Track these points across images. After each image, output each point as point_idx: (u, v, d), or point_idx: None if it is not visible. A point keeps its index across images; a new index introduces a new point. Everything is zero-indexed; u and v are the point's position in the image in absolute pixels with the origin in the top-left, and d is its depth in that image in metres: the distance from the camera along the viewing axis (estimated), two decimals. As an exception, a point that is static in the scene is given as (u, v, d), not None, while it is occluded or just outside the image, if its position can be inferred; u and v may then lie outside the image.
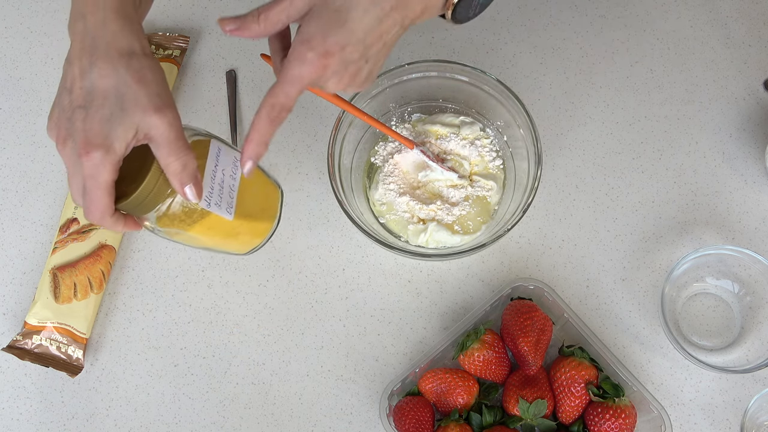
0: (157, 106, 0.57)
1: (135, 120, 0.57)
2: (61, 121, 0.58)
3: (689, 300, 0.81)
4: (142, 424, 0.80)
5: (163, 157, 0.58)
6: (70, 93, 0.57)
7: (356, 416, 0.79)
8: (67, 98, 0.57)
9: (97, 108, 0.56)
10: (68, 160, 0.58)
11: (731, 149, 0.85)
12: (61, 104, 0.58)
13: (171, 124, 0.57)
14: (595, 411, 0.73)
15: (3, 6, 0.92)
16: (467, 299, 0.82)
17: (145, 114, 0.57)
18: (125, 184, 0.59)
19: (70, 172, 0.58)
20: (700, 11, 0.89)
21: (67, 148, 0.57)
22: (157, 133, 0.57)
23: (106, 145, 0.56)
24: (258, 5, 0.94)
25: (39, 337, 0.79)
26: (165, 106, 0.57)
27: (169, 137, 0.57)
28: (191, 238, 0.66)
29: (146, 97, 0.57)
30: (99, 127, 0.56)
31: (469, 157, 0.80)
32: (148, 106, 0.57)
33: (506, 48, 0.89)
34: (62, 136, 0.57)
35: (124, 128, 0.56)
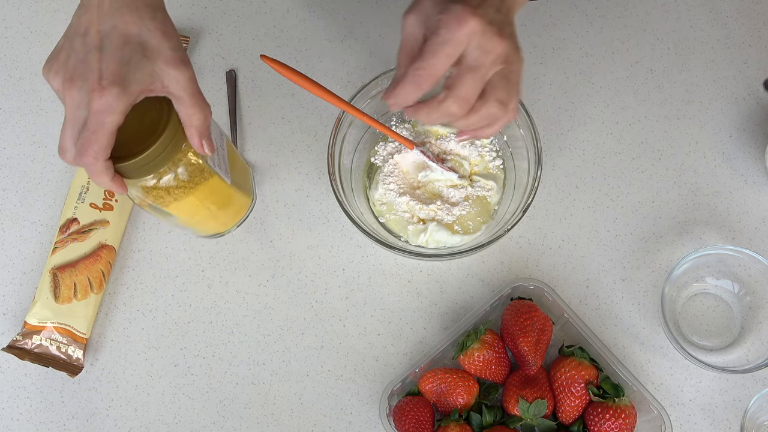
0: (180, 59, 0.57)
1: (156, 69, 0.56)
2: (71, 62, 0.56)
3: (689, 300, 0.81)
4: (142, 424, 0.80)
5: (184, 110, 0.58)
6: (85, 36, 0.56)
7: (356, 416, 0.79)
8: (80, 41, 0.56)
9: (116, 50, 0.55)
10: (73, 99, 0.56)
11: (731, 149, 0.85)
12: (72, 47, 0.56)
13: (192, 78, 0.58)
14: (595, 411, 0.73)
15: (3, 6, 0.92)
16: (467, 299, 0.82)
17: (167, 65, 0.57)
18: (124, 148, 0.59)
19: (71, 114, 0.56)
20: (700, 11, 0.89)
21: (75, 86, 0.55)
22: (178, 86, 0.57)
23: (124, 84, 0.55)
24: (258, 5, 0.94)
25: (39, 337, 0.79)
26: (187, 61, 0.58)
27: (191, 90, 0.58)
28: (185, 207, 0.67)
29: (170, 50, 0.57)
30: (117, 67, 0.55)
31: (469, 157, 0.80)
32: (171, 58, 0.57)
33: (506, 48, 0.89)
34: (70, 74, 0.56)
35: (143, 73, 0.56)
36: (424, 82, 0.57)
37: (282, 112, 0.88)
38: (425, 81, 0.57)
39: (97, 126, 0.55)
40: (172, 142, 0.61)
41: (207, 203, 0.70)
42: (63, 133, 0.57)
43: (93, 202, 0.82)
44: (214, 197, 0.70)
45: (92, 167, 0.57)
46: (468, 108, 0.59)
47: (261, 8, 0.91)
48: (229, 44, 0.90)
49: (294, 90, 0.88)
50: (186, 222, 0.73)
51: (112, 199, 0.83)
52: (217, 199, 0.71)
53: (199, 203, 0.69)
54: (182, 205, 0.67)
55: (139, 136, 0.60)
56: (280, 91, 0.88)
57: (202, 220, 0.73)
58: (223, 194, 0.71)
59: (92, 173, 0.58)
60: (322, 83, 0.72)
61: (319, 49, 0.89)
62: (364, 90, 0.77)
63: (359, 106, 0.77)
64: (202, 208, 0.70)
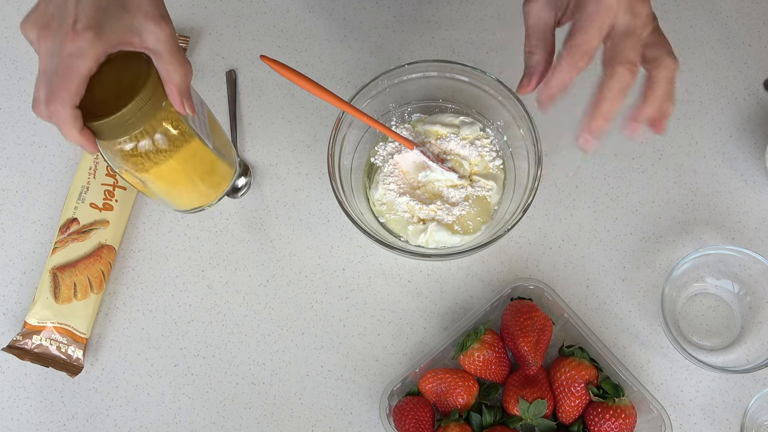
0: (161, 15, 0.56)
1: (135, 23, 0.55)
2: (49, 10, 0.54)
3: (689, 300, 0.81)
4: (142, 424, 0.80)
5: (164, 66, 0.57)
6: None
7: (356, 416, 0.80)
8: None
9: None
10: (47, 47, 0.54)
11: (731, 149, 0.85)
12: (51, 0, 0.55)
13: (171, 35, 0.56)
14: (595, 411, 0.73)
15: (3, 6, 0.92)
16: (467, 299, 0.82)
17: (146, 19, 0.55)
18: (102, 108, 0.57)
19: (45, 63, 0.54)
20: (700, 11, 0.89)
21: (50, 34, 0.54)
22: (157, 41, 0.56)
23: (98, 30, 0.53)
24: (257, 5, 0.94)
25: (39, 337, 0.79)
26: (167, 18, 0.56)
27: (171, 47, 0.56)
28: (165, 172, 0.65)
29: (150, 5, 0.56)
30: (94, 14, 0.53)
31: (469, 157, 0.80)
32: (150, 12, 0.55)
33: (506, 48, 0.89)
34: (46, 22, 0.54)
35: (120, 24, 0.54)
36: (581, 59, 0.56)
37: (282, 112, 0.88)
38: (582, 58, 0.56)
39: (67, 70, 0.53)
40: (150, 101, 0.59)
41: (188, 169, 0.67)
42: (37, 84, 0.55)
43: (93, 202, 0.82)
44: (195, 162, 0.67)
45: (60, 115, 0.55)
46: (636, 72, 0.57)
47: (261, 8, 0.91)
48: (229, 44, 0.90)
49: (294, 90, 0.88)
50: (167, 192, 0.70)
51: (112, 199, 0.83)
52: (199, 165, 0.68)
53: (180, 168, 0.66)
54: (163, 170, 0.64)
55: (116, 97, 0.58)
56: (280, 91, 0.88)
57: (184, 189, 0.70)
58: (205, 160, 0.68)
59: (60, 123, 0.56)
60: (322, 83, 0.72)
61: (319, 49, 0.89)
62: (364, 90, 0.77)
63: (359, 106, 0.77)
64: (183, 175, 0.67)
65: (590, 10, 0.55)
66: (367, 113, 0.76)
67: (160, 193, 0.70)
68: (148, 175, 0.65)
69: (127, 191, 0.84)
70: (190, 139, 0.64)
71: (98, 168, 0.83)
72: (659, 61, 0.58)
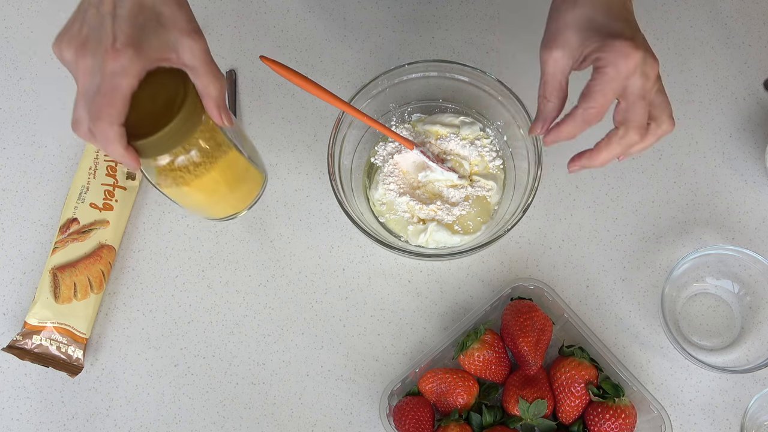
0: (195, 29, 0.57)
1: (171, 39, 0.56)
2: (84, 31, 0.55)
3: (689, 300, 0.81)
4: (142, 424, 0.80)
5: (201, 80, 0.57)
6: (98, 6, 0.55)
7: (356, 416, 0.80)
8: (93, 11, 0.55)
9: (131, 17, 0.54)
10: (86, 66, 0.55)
11: (731, 149, 0.85)
12: (85, 19, 0.55)
13: (206, 48, 0.57)
14: (595, 411, 0.73)
15: (3, 6, 0.92)
16: (467, 299, 0.82)
17: (182, 35, 0.56)
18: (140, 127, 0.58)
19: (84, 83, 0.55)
20: (700, 11, 0.89)
21: (88, 52, 0.54)
22: (194, 56, 0.56)
23: (138, 48, 0.54)
24: (257, 5, 0.94)
25: (39, 337, 0.79)
26: (200, 32, 0.57)
27: (207, 61, 0.57)
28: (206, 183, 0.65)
29: (185, 21, 0.56)
30: (131, 31, 0.54)
31: (469, 157, 0.80)
32: (185, 28, 0.56)
33: (506, 48, 0.89)
34: (83, 42, 0.55)
35: (158, 41, 0.55)
36: (594, 119, 0.61)
37: (282, 112, 0.88)
38: (595, 118, 0.61)
39: (111, 89, 0.54)
40: (191, 117, 0.59)
41: (227, 178, 0.68)
42: (76, 105, 0.56)
43: (93, 202, 0.82)
44: (232, 171, 0.68)
45: (106, 133, 0.55)
46: (644, 134, 0.62)
47: (261, 8, 0.91)
48: (229, 44, 0.90)
49: (294, 90, 0.88)
50: (203, 202, 0.70)
51: (112, 199, 0.83)
52: (236, 173, 0.69)
53: (219, 178, 0.66)
54: (203, 182, 0.65)
55: (154, 115, 0.58)
56: (280, 91, 0.88)
57: (221, 198, 0.71)
58: (241, 168, 0.69)
59: (106, 141, 0.56)
60: (322, 83, 0.72)
61: (319, 49, 0.89)
62: (364, 90, 0.77)
63: (359, 106, 0.77)
64: (222, 184, 0.68)
65: (609, 74, 0.58)
66: (367, 113, 0.76)
67: (198, 204, 0.71)
68: (189, 188, 0.65)
69: (127, 191, 0.84)
70: (228, 149, 0.65)
71: (98, 168, 0.83)
72: (660, 120, 0.63)
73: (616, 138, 0.62)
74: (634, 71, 0.58)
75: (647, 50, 0.59)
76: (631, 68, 0.58)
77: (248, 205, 0.75)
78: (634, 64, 0.58)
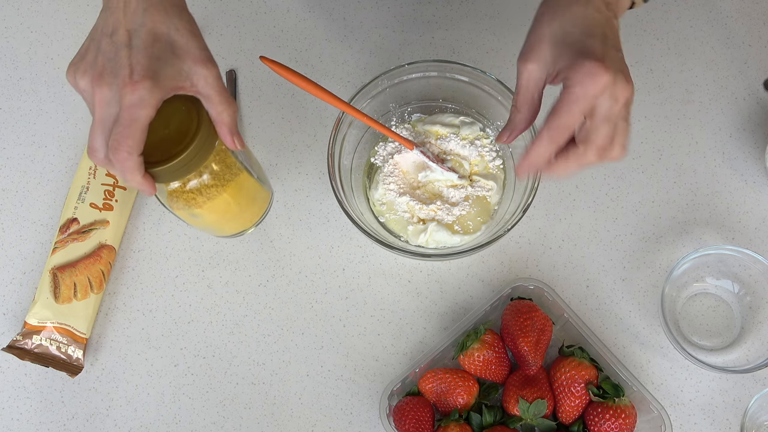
0: (208, 58, 0.58)
1: (185, 68, 0.57)
2: (99, 60, 0.56)
3: (689, 300, 0.81)
4: (142, 424, 0.80)
5: (214, 108, 0.59)
6: (112, 36, 0.56)
7: (356, 416, 0.80)
8: (107, 41, 0.56)
9: (146, 47, 0.55)
10: (103, 97, 0.55)
11: (731, 149, 0.85)
12: (99, 48, 0.56)
13: (218, 76, 0.59)
14: (595, 411, 0.73)
15: (3, 6, 0.92)
16: (467, 299, 0.82)
17: (195, 64, 0.57)
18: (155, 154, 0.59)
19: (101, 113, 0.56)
20: (700, 11, 0.89)
21: (105, 83, 0.55)
22: (207, 84, 0.58)
23: (155, 79, 0.55)
24: (257, 5, 0.94)
25: (39, 337, 0.79)
26: (213, 60, 0.59)
27: (219, 89, 0.59)
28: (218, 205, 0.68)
29: (197, 49, 0.57)
30: (148, 62, 0.55)
31: (469, 157, 0.80)
32: (199, 57, 0.57)
33: (506, 48, 0.89)
34: (99, 72, 0.55)
35: (173, 70, 0.56)
36: (560, 137, 0.59)
37: (282, 112, 0.88)
38: (561, 137, 0.59)
39: (129, 120, 0.55)
40: (205, 144, 0.61)
41: (238, 199, 0.70)
42: (93, 133, 0.57)
43: (93, 202, 0.82)
44: (243, 192, 0.70)
45: (125, 163, 0.56)
46: (603, 158, 0.60)
47: (261, 8, 0.91)
48: (229, 44, 0.90)
49: (294, 90, 0.88)
50: (214, 222, 0.73)
51: (112, 199, 0.83)
52: (247, 193, 0.71)
53: (231, 200, 0.69)
54: (215, 204, 0.67)
55: (169, 141, 0.60)
56: (280, 91, 0.88)
57: (232, 217, 0.73)
58: (250, 188, 0.72)
59: (125, 170, 0.57)
60: (322, 83, 0.72)
61: (319, 49, 0.89)
62: (364, 90, 0.77)
63: (359, 107, 0.77)
64: (234, 205, 0.70)
65: (577, 93, 0.57)
66: (367, 113, 0.76)
67: (209, 224, 0.73)
68: (202, 210, 0.68)
69: (127, 191, 0.84)
70: (238, 171, 0.68)
71: (98, 168, 0.83)
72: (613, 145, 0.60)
73: (575, 155, 0.60)
74: (602, 92, 0.57)
75: (619, 72, 0.57)
76: (599, 89, 0.57)
77: (256, 222, 0.78)
78: (602, 86, 0.56)
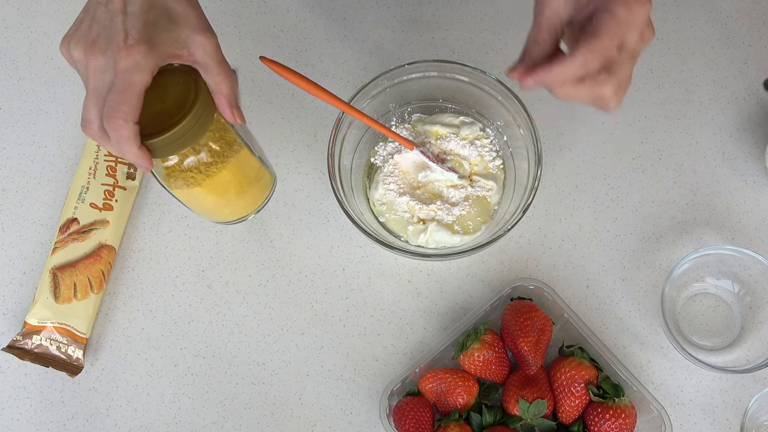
0: (206, 26, 0.56)
1: (182, 35, 0.55)
2: (93, 29, 0.54)
3: (689, 300, 0.81)
4: (142, 424, 0.80)
5: (212, 78, 0.57)
6: (107, 4, 0.54)
7: (356, 416, 0.80)
8: (102, 9, 0.54)
9: (142, 13, 0.54)
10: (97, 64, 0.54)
11: (731, 149, 0.85)
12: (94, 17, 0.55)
13: (217, 45, 0.57)
14: (595, 411, 0.73)
15: (3, 6, 0.92)
16: (467, 299, 0.82)
17: (193, 31, 0.55)
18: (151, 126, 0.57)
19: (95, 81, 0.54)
20: (700, 11, 0.89)
21: (98, 50, 0.53)
22: (205, 53, 0.56)
23: (151, 43, 0.53)
24: (257, 5, 0.94)
25: (39, 337, 0.79)
26: (211, 29, 0.57)
27: (218, 58, 0.57)
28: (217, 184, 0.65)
29: (196, 18, 0.56)
30: (143, 27, 0.53)
31: (469, 157, 0.80)
32: (197, 25, 0.56)
33: (506, 48, 0.89)
34: (93, 39, 0.54)
35: (170, 36, 0.54)
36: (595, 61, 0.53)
37: (282, 112, 0.88)
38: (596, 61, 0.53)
39: (125, 86, 0.53)
40: (203, 115, 0.58)
41: (238, 178, 0.67)
42: (86, 103, 0.55)
43: (93, 202, 0.82)
44: (244, 172, 0.67)
45: (120, 131, 0.54)
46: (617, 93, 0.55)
47: (261, 8, 0.91)
48: (229, 44, 0.90)
49: (294, 90, 0.88)
50: (214, 204, 0.70)
51: (112, 199, 0.83)
52: (247, 173, 0.68)
53: (231, 178, 0.66)
54: (214, 182, 0.64)
55: (165, 114, 0.57)
56: (280, 91, 0.88)
57: (232, 199, 0.70)
58: (252, 168, 0.68)
59: (120, 140, 0.55)
60: (322, 83, 0.72)
61: (319, 49, 0.89)
62: (364, 90, 0.77)
63: (359, 107, 0.77)
64: (233, 185, 0.67)
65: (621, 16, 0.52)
66: (367, 113, 0.76)
67: (208, 206, 0.70)
68: (201, 188, 0.65)
69: (127, 191, 0.84)
70: (239, 148, 0.65)
71: (98, 168, 0.83)
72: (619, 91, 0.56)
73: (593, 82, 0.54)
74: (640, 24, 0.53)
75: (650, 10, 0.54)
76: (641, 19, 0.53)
77: (257, 208, 0.75)
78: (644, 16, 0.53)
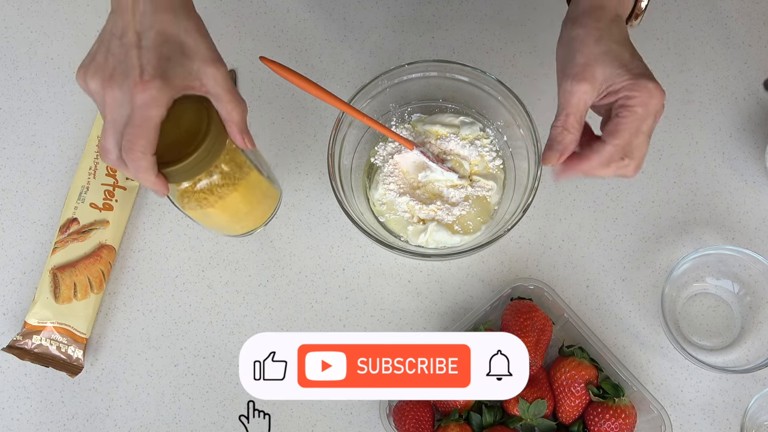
0: (217, 58, 0.59)
1: (194, 67, 0.57)
2: (109, 62, 0.56)
3: (689, 300, 0.81)
4: (142, 424, 0.80)
5: (224, 107, 0.59)
6: (122, 37, 0.56)
7: (356, 416, 0.79)
8: (116, 42, 0.56)
9: (156, 47, 0.56)
10: (114, 98, 0.55)
11: (731, 149, 0.85)
12: (109, 49, 0.56)
13: (227, 76, 0.59)
14: (595, 411, 0.73)
15: (3, 6, 0.92)
16: (467, 299, 0.82)
17: (204, 64, 0.57)
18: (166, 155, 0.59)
19: (112, 114, 0.56)
20: (700, 11, 0.89)
21: (115, 84, 0.55)
22: (216, 84, 0.58)
23: (165, 78, 0.55)
24: (257, 5, 0.94)
25: (39, 337, 0.79)
26: (222, 60, 0.59)
27: (228, 87, 0.59)
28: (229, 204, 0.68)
29: (206, 49, 0.58)
30: (157, 62, 0.55)
31: (469, 157, 0.80)
32: (208, 57, 0.58)
33: (506, 48, 0.89)
34: (109, 73, 0.56)
35: (183, 70, 0.56)
36: (617, 155, 0.61)
37: (282, 112, 0.88)
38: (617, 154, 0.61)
39: (142, 120, 0.55)
40: (216, 143, 0.61)
41: (249, 197, 0.70)
42: (104, 134, 0.57)
43: (93, 202, 0.82)
44: (254, 191, 0.71)
45: (139, 163, 0.57)
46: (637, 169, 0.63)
47: (261, 8, 0.91)
48: (229, 44, 0.90)
49: (294, 90, 0.88)
50: (225, 221, 0.73)
51: (112, 199, 0.83)
52: (257, 192, 0.72)
53: (242, 199, 0.69)
54: (227, 203, 0.68)
55: (179, 142, 0.60)
56: (280, 91, 0.88)
57: (243, 216, 0.74)
58: (261, 187, 0.72)
59: (138, 170, 0.57)
60: (322, 83, 0.72)
61: (319, 49, 0.89)
62: (364, 90, 0.77)
63: (359, 107, 0.77)
64: (244, 204, 0.71)
65: (638, 113, 0.60)
66: (367, 113, 0.76)
67: (219, 224, 0.73)
68: (214, 209, 0.68)
69: (127, 191, 0.84)
70: (249, 170, 0.68)
71: (98, 168, 0.83)
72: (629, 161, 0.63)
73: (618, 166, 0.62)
74: (655, 113, 0.60)
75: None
76: (658, 109, 0.60)
77: (265, 222, 0.78)
78: (660, 106, 0.60)
